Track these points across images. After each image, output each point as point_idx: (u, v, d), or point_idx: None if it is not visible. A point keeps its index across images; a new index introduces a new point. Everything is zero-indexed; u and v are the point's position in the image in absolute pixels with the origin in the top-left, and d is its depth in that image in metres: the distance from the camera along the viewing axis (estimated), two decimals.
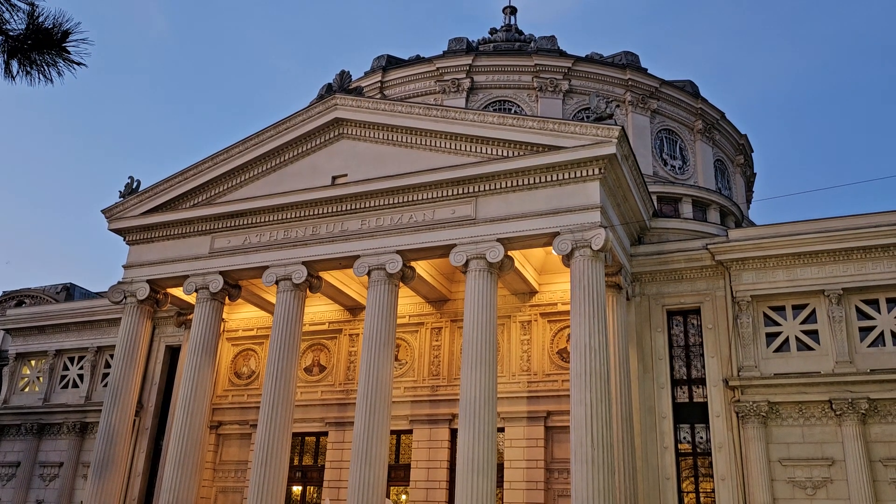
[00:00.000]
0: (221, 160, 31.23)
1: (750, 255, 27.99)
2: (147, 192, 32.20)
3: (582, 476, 22.11)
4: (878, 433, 25.52)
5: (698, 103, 43.69)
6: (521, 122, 26.54)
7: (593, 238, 24.29)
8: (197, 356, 29.33)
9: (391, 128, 28.87)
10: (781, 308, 28.12)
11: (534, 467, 27.63)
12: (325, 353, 33.15)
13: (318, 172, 29.71)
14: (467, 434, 23.77)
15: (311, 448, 32.61)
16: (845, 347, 26.52)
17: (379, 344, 26.28)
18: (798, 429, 26.40)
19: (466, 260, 25.87)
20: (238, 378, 34.50)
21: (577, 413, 22.94)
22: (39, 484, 38.39)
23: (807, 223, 27.91)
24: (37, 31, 7.21)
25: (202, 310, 29.97)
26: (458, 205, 26.83)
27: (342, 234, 28.35)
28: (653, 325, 29.10)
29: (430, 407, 29.94)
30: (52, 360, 40.76)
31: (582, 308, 23.95)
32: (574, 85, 41.08)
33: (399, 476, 29.94)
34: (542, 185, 25.76)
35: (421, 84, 42.87)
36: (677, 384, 28.83)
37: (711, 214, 33.80)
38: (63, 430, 38.68)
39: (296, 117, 30.33)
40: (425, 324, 31.38)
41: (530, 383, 28.80)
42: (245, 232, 30.12)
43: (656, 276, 29.42)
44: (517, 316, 29.87)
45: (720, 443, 26.95)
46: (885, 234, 26.50)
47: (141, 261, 31.81)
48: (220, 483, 33.02)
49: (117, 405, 29.87)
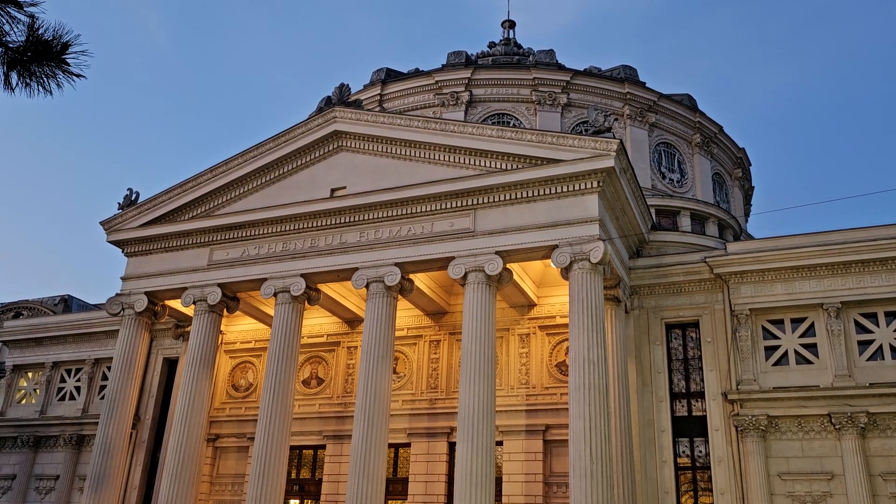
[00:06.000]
0: (220, 172, 31.28)
1: (748, 269, 28.01)
2: (146, 203, 32.21)
3: (581, 490, 22.00)
4: (877, 447, 25.43)
5: (696, 117, 43.81)
6: (519, 135, 26.61)
7: (592, 251, 24.30)
8: (195, 368, 29.25)
9: (390, 140, 28.94)
10: (780, 321, 28.10)
11: (532, 481, 27.49)
12: (323, 366, 33.05)
13: (316, 185, 29.75)
14: (466, 447, 23.67)
15: (308, 461, 32.44)
16: (844, 361, 26.48)
17: (377, 357, 26.22)
18: (797, 443, 26.32)
19: (465, 272, 25.86)
20: (236, 391, 34.38)
21: (575, 426, 22.86)
22: (35, 497, 38.15)
23: (805, 237, 27.95)
24: (37, 43, 7.23)
25: (200, 322, 29.91)
26: (457, 217, 26.86)
27: (341, 246, 28.35)
28: (651, 338, 29.06)
29: (428, 420, 29.84)
30: (49, 372, 40.63)
31: (580, 321, 23.92)
32: (572, 98, 41.20)
33: (397, 490, 29.78)
34: (540, 197, 25.80)
35: (420, 97, 43.00)
36: (676, 398, 28.76)
37: (710, 228, 33.81)
38: (59, 442, 38.49)
39: (295, 130, 30.40)
40: (424, 336, 31.32)
41: (529, 396, 28.71)
42: (244, 244, 30.11)
43: (655, 289, 29.41)
44: (516, 329, 29.81)
45: (719, 457, 26.85)
46: (884, 248, 26.53)
47: (139, 273, 31.77)
48: (217, 496, 32.82)
49: (114, 418, 29.75)
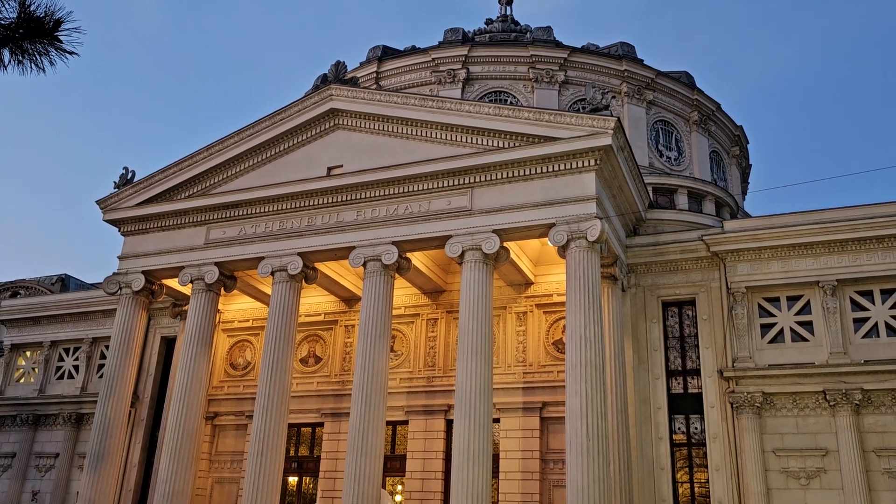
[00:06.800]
0: (216, 151, 31.14)
1: (745, 247, 28.04)
2: (142, 182, 32.09)
3: (577, 466, 22.19)
4: (871, 423, 25.63)
5: (694, 94, 43.61)
6: (516, 112, 26.49)
7: (589, 229, 24.29)
8: (192, 347, 29.32)
9: (387, 118, 28.79)
10: (776, 299, 28.18)
11: (529, 458, 27.71)
12: (320, 345, 33.15)
13: (313, 163, 29.64)
14: (463, 425, 23.82)
15: (307, 439, 32.65)
16: (839, 338, 26.60)
17: (375, 335, 26.30)
18: (792, 419, 26.51)
19: (462, 251, 25.87)
20: (234, 369, 34.49)
21: (572, 404, 23.00)
22: (35, 475, 38.39)
23: (802, 214, 27.95)
24: (28, 20, 7.15)
25: (197, 301, 29.94)
26: (454, 196, 26.80)
27: (338, 225, 28.32)
28: (648, 315, 29.15)
29: (425, 398, 30.00)
30: (47, 351, 40.69)
31: (577, 299, 23.97)
32: (570, 76, 40.96)
33: (395, 466, 30.03)
34: (537, 176, 25.74)
35: (416, 75, 42.71)
36: (672, 375, 28.91)
37: (707, 206, 33.79)
38: (59, 421, 38.64)
39: (291, 108, 30.23)
40: (421, 315, 31.39)
41: (526, 374, 28.85)
42: (240, 223, 30.06)
43: (652, 267, 29.46)
44: (513, 307, 29.89)
45: (714, 433, 27.05)
46: (880, 226, 26.54)
47: (136, 252, 31.73)
48: (217, 474, 33.06)
49: (113, 396, 29.87)
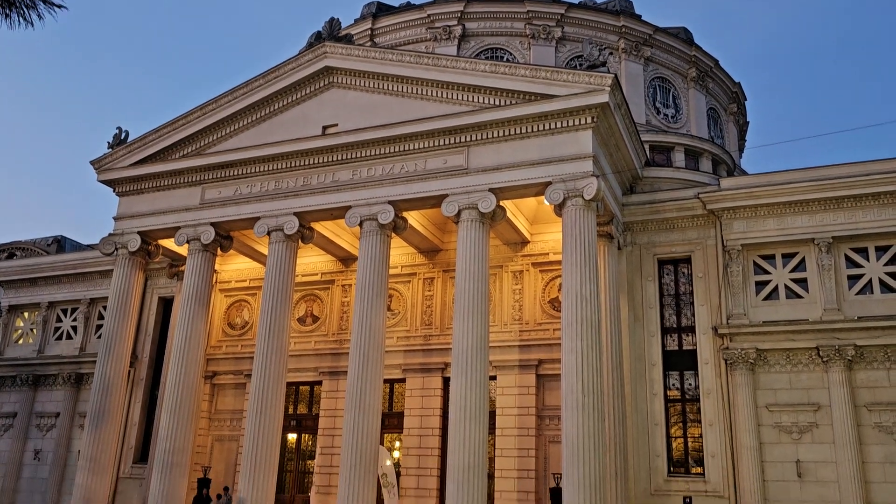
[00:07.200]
0: (210, 110, 30.84)
1: (741, 204, 28.04)
2: (136, 142, 31.84)
3: (572, 422, 22.49)
4: (863, 379, 25.93)
5: (692, 51, 43.15)
6: (513, 70, 26.21)
7: (585, 187, 24.24)
8: (190, 307, 29.41)
9: (382, 76, 28.49)
10: (771, 257, 28.28)
11: (525, 414, 28.05)
12: (318, 304, 33.27)
13: (308, 122, 29.39)
14: (460, 382, 24.07)
15: (305, 397, 32.98)
16: (833, 295, 26.77)
17: (372, 294, 26.39)
18: (785, 375, 26.80)
19: (458, 210, 25.82)
20: (232, 329, 34.66)
21: (567, 361, 23.22)
22: (37, 434, 38.82)
23: (798, 171, 27.90)
24: None
25: (194, 261, 29.94)
26: (450, 154, 26.66)
27: (333, 184, 28.20)
28: (644, 273, 29.26)
29: (422, 356, 30.23)
30: (45, 312, 40.82)
31: (573, 257, 24.03)
32: (567, 32, 40.44)
33: (393, 424, 30.38)
34: (534, 134, 25.58)
35: (412, 31, 42.14)
36: (667, 332, 29.14)
37: (703, 163, 33.66)
38: (58, 381, 38.94)
39: (285, 66, 29.87)
40: (418, 274, 31.46)
41: (522, 332, 29.04)
42: (236, 183, 29.91)
43: (648, 225, 29.48)
44: (509, 266, 29.95)
45: (708, 389, 27.38)
46: (877, 182, 26.53)
47: (132, 212, 31.64)
48: (216, 432, 33.45)
49: (111, 356, 30.06)
